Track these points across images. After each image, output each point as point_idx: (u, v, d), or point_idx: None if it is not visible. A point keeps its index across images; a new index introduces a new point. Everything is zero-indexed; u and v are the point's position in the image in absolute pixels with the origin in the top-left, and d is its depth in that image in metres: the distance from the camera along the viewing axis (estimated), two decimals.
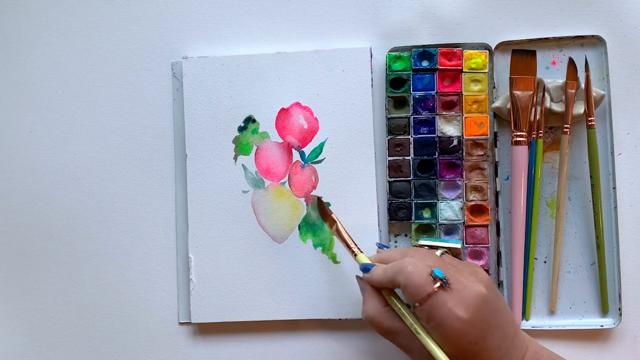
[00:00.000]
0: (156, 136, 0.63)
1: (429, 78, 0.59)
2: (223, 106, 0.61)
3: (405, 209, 0.59)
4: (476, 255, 0.58)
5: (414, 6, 0.61)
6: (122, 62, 0.63)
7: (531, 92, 0.57)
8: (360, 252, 0.53)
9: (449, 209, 0.59)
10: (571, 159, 0.59)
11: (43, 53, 0.64)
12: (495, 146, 0.59)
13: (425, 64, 0.59)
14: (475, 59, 0.59)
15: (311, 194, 0.60)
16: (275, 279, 0.60)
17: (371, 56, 0.60)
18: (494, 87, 0.59)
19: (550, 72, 0.59)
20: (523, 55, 0.57)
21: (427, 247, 0.52)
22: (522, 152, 0.57)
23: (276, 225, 0.60)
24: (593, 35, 0.59)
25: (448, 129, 0.59)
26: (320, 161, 0.60)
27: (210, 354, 0.61)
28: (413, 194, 0.59)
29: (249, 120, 0.61)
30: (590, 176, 0.58)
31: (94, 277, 0.63)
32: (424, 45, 0.60)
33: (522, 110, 0.57)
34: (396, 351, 0.50)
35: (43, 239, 0.63)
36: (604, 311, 0.58)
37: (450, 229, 0.59)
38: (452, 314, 0.45)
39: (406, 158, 0.59)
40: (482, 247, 0.58)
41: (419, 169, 0.59)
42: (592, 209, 0.58)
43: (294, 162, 0.60)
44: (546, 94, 0.58)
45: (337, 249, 0.59)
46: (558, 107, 0.58)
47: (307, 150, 0.60)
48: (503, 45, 0.59)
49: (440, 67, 0.59)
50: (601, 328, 0.58)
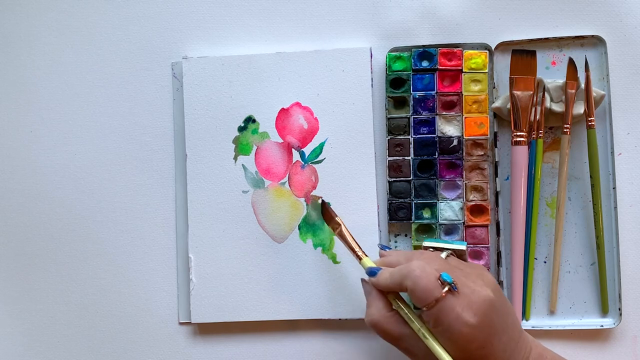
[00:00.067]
0: (156, 136, 0.63)
1: (429, 78, 0.59)
2: (223, 106, 0.61)
3: (405, 209, 0.59)
4: (476, 255, 0.58)
5: (414, 6, 0.61)
6: (122, 62, 0.63)
7: (531, 92, 0.57)
8: (366, 256, 0.53)
9: (449, 209, 0.59)
10: (571, 159, 0.59)
11: (43, 53, 0.64)
12: (495, 146, 0.59)
13: (425, 64, 0.59)
14: (475, 59, 0.59)
15: (311, 194, 0.60)
16: (275, 279, 0.60)
17: (371, 56, 0.60)
18: (494, 87, 0.59)
19: (550, 72, 0.59)
20: (523, 55, 0.57)
21: (432, 249, 0.52)
22: (522, 152, 0.57)
23: (276, 225, 0.60)
24: (593, 35, 0.59)
25: (448, 129, 0.59)
26: (320, 161, 0.60)
27: (210, 354, 0.61)
28: (413, 194, 0.59)
29: (249, 120, 0.61)
30: (590, 176, 0.58)
31: (94, 277, 0.63)
32: (424, 45, 0.59)
33: (522, 110, 0.57)
34: (396, 352, 0.50)
35: (43, 239, 0.63)
36: (604, 311, 0.58)
37: (450, 229, 0.59)
38: (461, 319, 0.45)
39: (406, 158, 0.59)
40: (482, 247, 0.58)
41: (419, 169, 0.59)
42: (592, 209, 0.58)
43: (294, 162, 0.60)
44: (546, 94, 0.58)
45: (337, 249, 0.59)
46: (558, 107, 0.58)
47: (307, 150, 0.60)
48: (503, 45, 0.59)
49: (440, 67, 0.59)
50: (601, 328, 0.58)
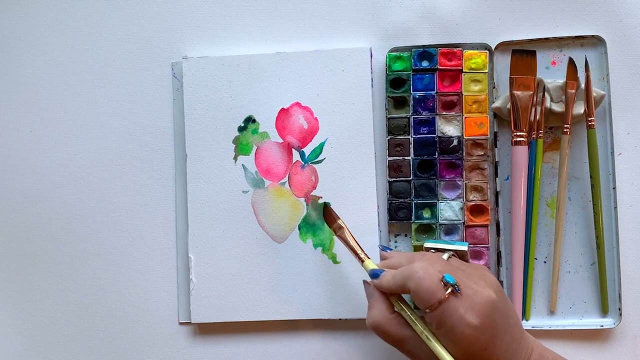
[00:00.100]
0: (156, 136, 0.63)
1: (429, 78, 0.59)
2: (223, 106, 0.61)
3: (405, 209, 0.59)
4: (476, 255, 0.58)
5: (414, 6, 0.61)
6: (122, 62, 0.63)
7: (531, 92, 0.57)
8: (368, 258, 0.53)
9: (449, 209, 0.59)
10: (571, 159, 0.59)
11: (43, 53, 0.64)
12: (495, 146, 0.59)
13: (425, 64, 0.59)
14: (475, 59, 0.59)
15: (311, 194, 0.60)
16: (275, 279, 0.60)
17: (371, 56, 0.60)
18: (494, 87, 0.59)
19: (550, 72, 0.59)
20: (523, 55, 0.57)
21: (433, 251, 0.52)
22: (522, 152, 0.57)
23: (276, 225, 0.60)
24: (593, 35, 0.59)
25: (448, 129, 0.59)
26: (320, 161, 0.60)
27: (210, 354, 0.61)
28: (413, 194, 0.59)
29: (249, 120, 0.61)
30: (590, 176, 0.58)
31: (94, 277, 0.63)
32: (424, 45, 0.59)
33: (522, 110, 0.57)
34: (396, 352, 0.50)
35: (43, 239, 0.63)
36: (604, 311, 0.58)
37: (450, 229, 0.59)
38: (464, 321, 0.45)
39: (406, 158, 0.59)
40: (482, 247, 0.58)
41: (419, 169, 0.59)
42: (592, 209, 0.58)
43: (294, 162, 0.60)
44: (546, 94, 0.58)
45: (337, 249, 0.59)
46: (558, 107, 0.58)
47: (307, 150, 0.60)
48: (503, 45, 0.59)
49: (440, 67, 0.59)
50: (601, 328, 0.58)
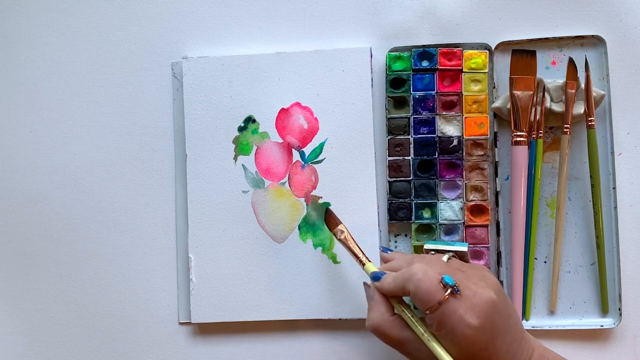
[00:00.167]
0: (156, 136, 0.63)
1: (429, 78, 0.59)
2: (223, 106, 0.61)
3: (405, 209, 0.59)
4: (476, 255, 0.58)
5: (414, 6, 0.61)
6: (122, 62, 0.63)
7: (531, 92, 0.57)
8: (369, 262, 0.53)
9: (449, 209, 0.59)
10: (571, 159, 0.59)
11: (43, 53, 0.64)
12: (495, 146, 0.59)
13: (425, 64, 0.59)
14: (475, 59, 0.59)
15: (311, 194, 0.60)
16: (275, 279, 0.60)
17: (371, 56, 0.60)
18: (494, 87, 0.59)
19: (550, 72, 0.59)
20: (523, 55, 0.57)
21: (433, 252, 0.52)
22: (522, 152, 0.57)
23: (276, 225, 0.60)
24: (593, 35, 0.59)
25: (448, 129, 0.59)
26: (320, 161, 0.60)
27: (210, 354, 0.61)
28: (413, 194, 0.59)
29: (249, 120, 0.61)
30: (590, 176, 0.58)
31: (94, 277, 0.63)
32: (424, 45, 0.59)
33: (522, 110, 0.57)
34: (397, 353, 0.50)
35: (43, 239, 0.63)
36: (604, 311, 0.58)
37: (450, 229, 0.59)
38: (463, 322, 0.45)
39: (406, 158, 0.59)
40: (482, 247, 0.58)
41: (419, 169, 0.59)
42: (592, 209, 0.58)
43: (294, 162, 0.60)
44: (546, 94, 0.58)
45: (337, 249, 0.59)
46: (558, 107, 0.58)
47: (307, 150, 0.60)
48: (503, 45, 0.59)
49: (440, 67, 0.59)
50: (601, 328, 0.58)
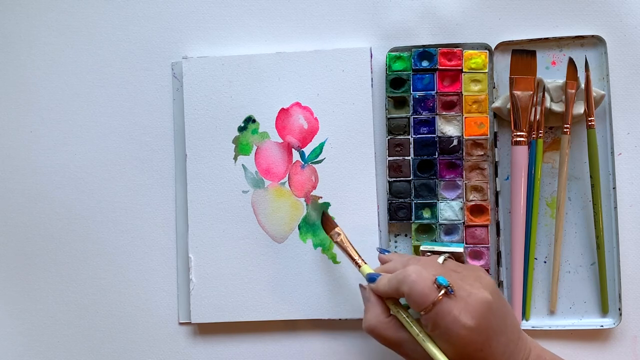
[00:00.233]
0: (156, 136, 0.63)
1: (429, 78, 0.59)
2: (223, 106, 0.61)
3: (405, 209, 0.59)
4: (476, 255, 0.58)
5: (414, 6, 0.61)
6: (122, 62, 0.63)
7: (531, 92, 0.57)
8: (365, 263, 0.53)
9: (449, 209, 0.59)
10: (571, 159, 0.59)
11: (43, 53, 0.64)
12: (495, 146, 0.59)
13: (425, 64, 0.59)
14: (475, 59, 0.59)
15: (311, 194, 0.60)
16: (275, 279, 0.60)
17: (371, 56, 0.60)
18: (494, 87, 0.59)
19: (550, 72, 0.59)
20: (523, 55, 0.57)
21: (429, 254, 0.52)
22: (522, 152, 0.57)
23: (276, 225, 0.60)
24: (593, 35, 0.59)
25: (448, 129, 0.59)
26: (320, 161, 0.60)
27: (210, 354, 0.61)
28: (413, 194, 0.59)
29: (249, 120, 0.61)
30: (590, 176, 0.58)
31: (94, 277, 0.63)
32: (424, 45, 0.59)
33: (522, 110, 0.57)
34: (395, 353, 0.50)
35: (43, 239, 0.63)
36: (604, 311, 0.58)
37: (450, 229, 0.59)
38: (458, 322, 0.45)
39: (406, 158, 0.59)
40: (482, 247, 0.58)
41: (419, 169, 0.59)
42: (592, 209, 0.58)
43: (294, 162, 0.60)
44: (546, 94, 0.58)
45: (337, 249, 0.59)
46: (558, 107, 0.58)
47: (307, 150, 0.60)
48: (503, 45, 0.59)
49: (440, 67, 0.59)
50: (601, 328, 0.58)
